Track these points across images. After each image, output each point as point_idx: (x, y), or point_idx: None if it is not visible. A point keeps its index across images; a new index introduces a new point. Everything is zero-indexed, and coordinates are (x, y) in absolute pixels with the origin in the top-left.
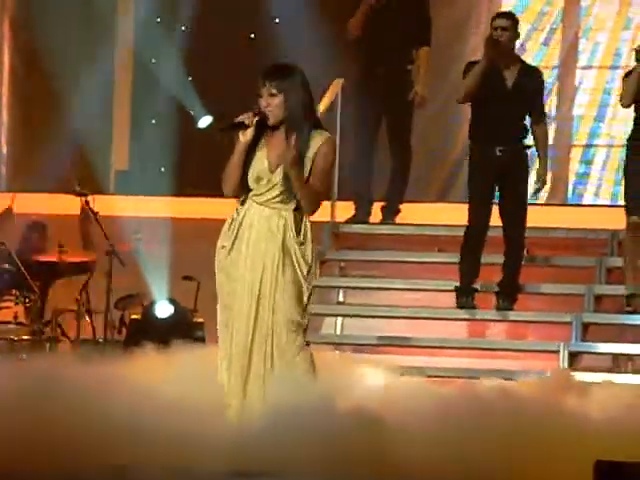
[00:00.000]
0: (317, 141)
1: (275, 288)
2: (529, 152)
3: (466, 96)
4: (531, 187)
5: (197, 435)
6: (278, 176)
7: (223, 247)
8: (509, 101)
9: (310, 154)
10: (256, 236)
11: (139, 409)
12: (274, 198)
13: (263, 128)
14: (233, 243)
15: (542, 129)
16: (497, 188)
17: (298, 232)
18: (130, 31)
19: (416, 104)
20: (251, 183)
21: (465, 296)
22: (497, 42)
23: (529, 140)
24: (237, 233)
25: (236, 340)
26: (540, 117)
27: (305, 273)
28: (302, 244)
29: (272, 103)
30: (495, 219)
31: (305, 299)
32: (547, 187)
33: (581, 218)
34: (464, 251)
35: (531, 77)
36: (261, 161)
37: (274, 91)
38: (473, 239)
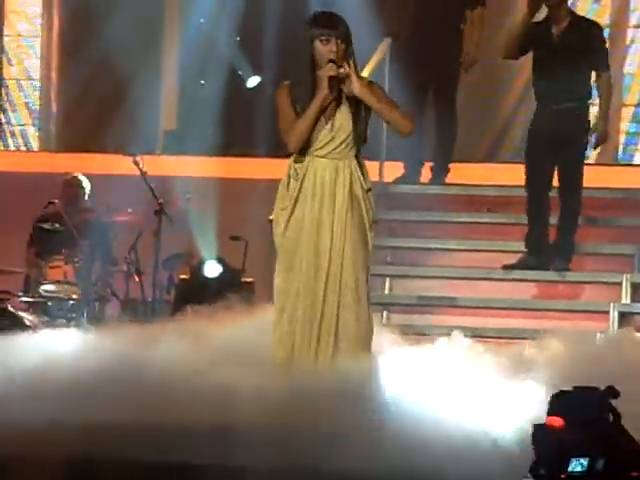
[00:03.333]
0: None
1: (345, 237)
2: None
3: (507, 51)
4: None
5: (245, 392)
6: (337, 124)
7: (284, 209)
8: (557, 57)
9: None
10: (321, 189)
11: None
12: (337, 148)
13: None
14: (296, 201)
15: (604, 84)
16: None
17: (364, 179)
18: None
19: (466, 65)
20: (313, 138)
21: (535, 255)
22: None
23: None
24: (299, 190)
25: (304, 296)
26: (601, 71)
27: (371, 221)
28: (369, 190)
29: (340, 52)
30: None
31: (370, 247)
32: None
33: (631, 177)
34: (529, 212)
35: (584, 31)
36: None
37: (339, 41)
38: (533, 199)
